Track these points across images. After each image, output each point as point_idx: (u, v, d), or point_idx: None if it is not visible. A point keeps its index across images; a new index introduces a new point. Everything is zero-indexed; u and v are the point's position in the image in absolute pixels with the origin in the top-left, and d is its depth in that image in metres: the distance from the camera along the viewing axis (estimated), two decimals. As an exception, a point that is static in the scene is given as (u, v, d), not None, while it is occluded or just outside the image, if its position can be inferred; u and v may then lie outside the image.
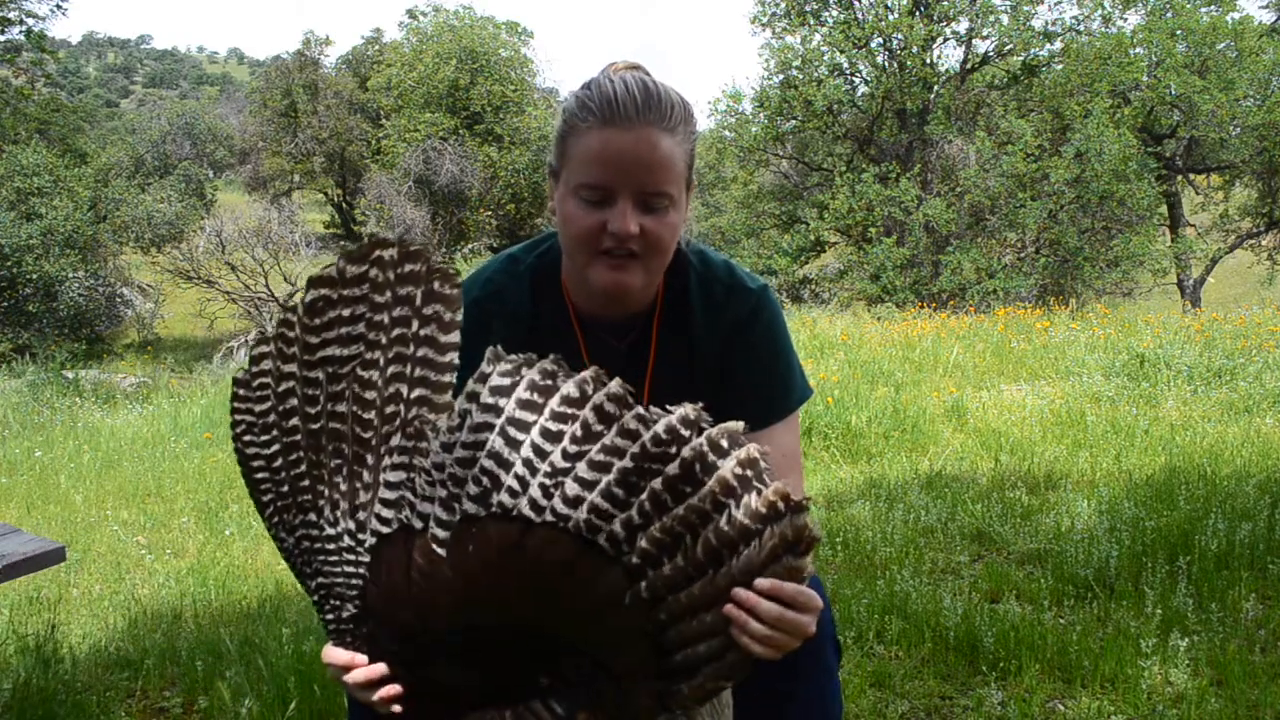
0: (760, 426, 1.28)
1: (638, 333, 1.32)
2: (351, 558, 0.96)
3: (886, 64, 16.80)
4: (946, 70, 16.96)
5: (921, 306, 12.24)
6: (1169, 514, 3.15)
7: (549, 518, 0.85)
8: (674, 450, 0.85)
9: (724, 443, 0.85)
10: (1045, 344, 7.42)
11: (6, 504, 4.76)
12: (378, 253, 0.99)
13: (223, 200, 27.53)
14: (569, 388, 0.88)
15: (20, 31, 20.55)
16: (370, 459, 0.96)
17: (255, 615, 3.00)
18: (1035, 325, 8.34)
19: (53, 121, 23.94)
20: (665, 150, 1.16)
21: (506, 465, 0.87)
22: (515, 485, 0.86)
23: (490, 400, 0.89)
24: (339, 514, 0.97)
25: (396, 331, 0.97)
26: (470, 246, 22.27)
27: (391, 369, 0.97)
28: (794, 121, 17.53)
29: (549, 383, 0.89)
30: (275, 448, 1.01)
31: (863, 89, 17.28)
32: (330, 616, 1.00)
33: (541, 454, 0.86)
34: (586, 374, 0.88)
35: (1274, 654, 2.29)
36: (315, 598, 1.00)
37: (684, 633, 0.86)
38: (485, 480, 0.87)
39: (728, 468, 0.84)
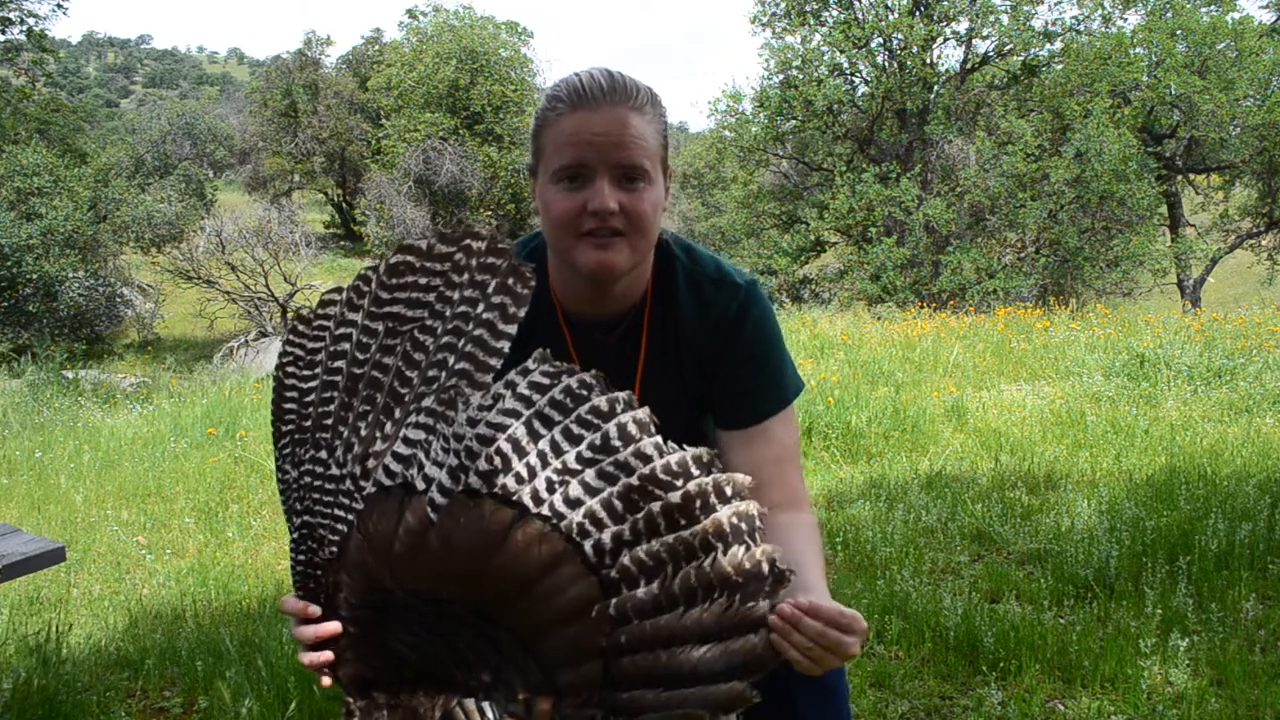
0: (755, 422, 1.28)
1: (626, 328, 1.32)
2: (346, 501, 0.99)
3: (886, 64, 16.79)
4: (946, 70, 16.95)
5: (921, 306, 12.24)
6: (1169, 514, 3.15)
7: (545, 511, 0.87)
8: (680, 483, 0.86)
9: (728, 489, 0.87)
10: (1045, 344, 7.42)
11: (6, 504, 4.75)
12: (469, 241, 1.05)
13: (223, 200, 27.53)
14: (600, 400, 0.90)
15: (21, 31, 20.57)
16: (399, 413, 1.00)
17: (255, 615, 3.00)
18: (1035, 325, 8.34)
19: (53, 121, 23.96)
20: (636, 126, 1.18)
21: (521, 453, 0.89)
22: (523, 472, 0.89)
23: (525, 392, 0.92)
24: (350, 456, 1.00)
25: (462, 309, 1.02)
26: (470, 246, 22.21)
27: (446, 339, 1.01)
28: (794, 121, 17.51)
29: (584, 392, 0.91)
30: (313, 383, 1.06)
31: (863, 89, 17.27)
32: (302, 558, 1.02)
33: (558, 451, 0.89)
34: (622, 394, 0.91)
35: (1274, 654, 2.29)
36: (295, 535, 1.03)
37: (639, 665, 0.85)
38: (497, 460, 0.90)
39: (725, 513, 0.86)
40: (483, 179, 23.40)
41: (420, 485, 0.93)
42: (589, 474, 0.88)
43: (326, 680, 1.00)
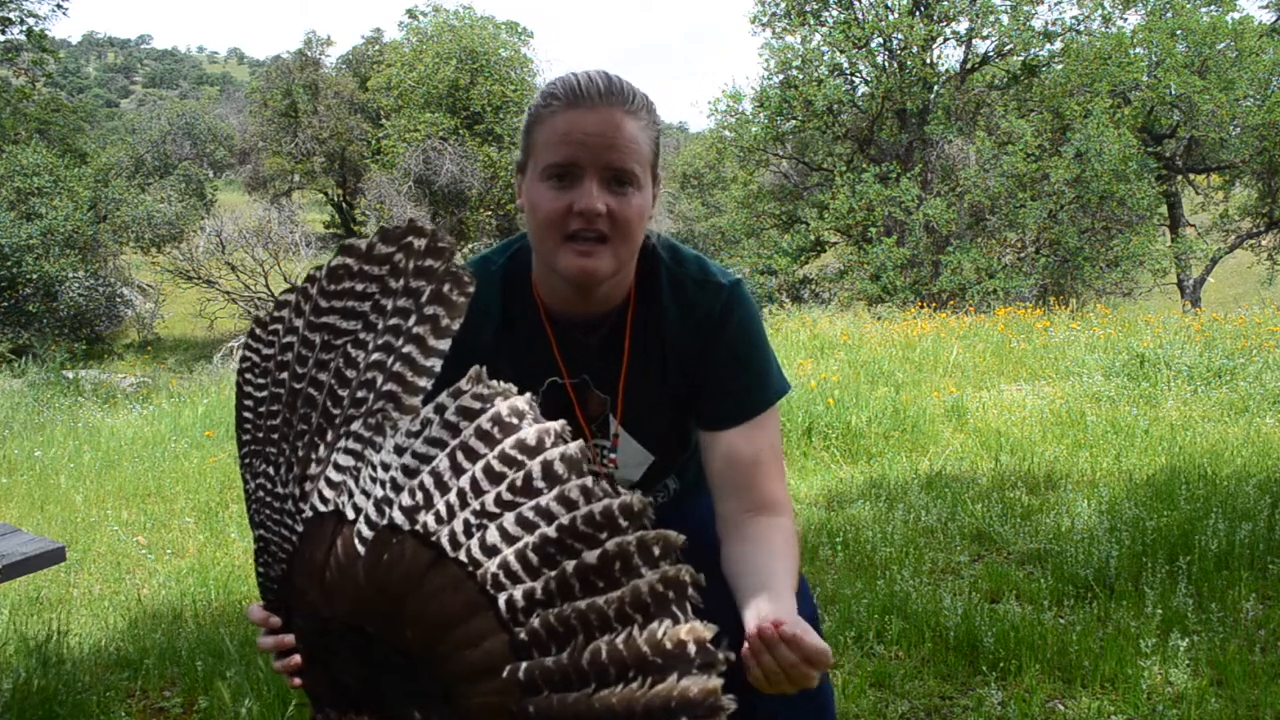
0: (735, 423, 1.28)
1: (609, 329, 1.32)
2: (290, 522, 0.97)
3: (886, 64, 16.79)
4: (946, 70, 16.96)
5: (921, 306, 12.24)
6: (1169, 514, 3.15)
7: (462, 557, 0.81)
8: (603, 536, 0.77)
9: (655, 549, 0.76)
10: (1045, 344, 7.42)
11: (6, 504, 4.75)
12: (410, 238, 0.97)
13: (223, 200, 27.56)
14: (528, 433, 0.82)
15: (21, 31, 20.58)
16: (330, 435, 0.96)
17: (255, 615, 3.00)
18: (1035, 325, 8.35)
19: (53, 121, 23.98)
20: (630, 130, 1.18)
21: (444, 488, 0.84)
22: (444, 511, 0.83)
23: (454, 419, 0.85)
24: (291, 477, 0.97)
25: (393, 321, 0.96)
26: (470, 246, 22.30)
27: (375, 355, 0.95)
28: (794, 121, 17.52)
29: (514, 420, 0.83)
30: (264, 393, 1.02)
31: (863, 89, 17.28)
32: (262, 570, 1.01)
33: (478, 491, 0.82)
34: (554, 425, 0.82)
35: (1274, 654, 2.29)
36: (256, 545, 1.01)
37: None
38: (420, 496, 0.85)
39: (648, 579, 0.75)
40: (483, 179, 23.40)
41: (350, 515, 0.90)
42: (508, 518, 0.80)
43: (297, 681, 1.01)
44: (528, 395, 0.85)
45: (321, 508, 0.93)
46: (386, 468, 0.89)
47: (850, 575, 2.94)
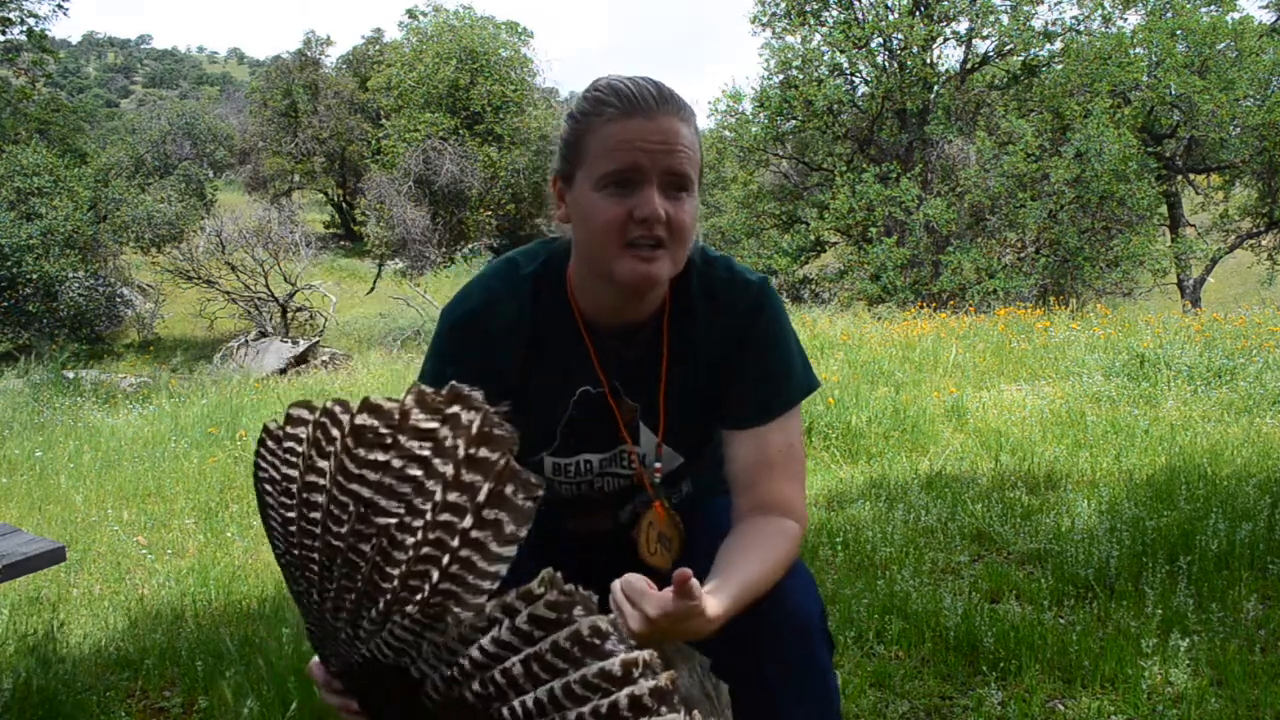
0: (756, 423, 1.28)
1: (647, 336, 1.32)
2: (344, 647, 0.95)
3: (886, 64, 16.80)
4: (946, 70, 16.96)
5: (921, 306, 12.23)
6: (1169, 514, 3.15)
7: None
8: None
9: None
10: (1045, 344, 7.42)
11: (6, 504, 4.76)
12: (457, 410, 0.86)
13: (223, 200, 27.54)
14: (614, 664, 0.80)
15: (21, 31, 20.59)
16: (382, 605, 0.90)
17: (256, 615, 3.00)
18: (1035, 325, 8.34)
19: (53, 121, 23.96)
20: (686, 136, 1.20)
21: (519, 690, 0.83)
22: (520, 711, 0.83)
23: (526, 627, 0.83)
24: (341, 617, 0.93)
25: (445, 517, 0.86)
26: (470, 246, 22.33)
27: (426, 550, 0.86)
28: (794, 121, 17.53)
29: (595, 641, 0.80)
30: (292, 514, 0.94)
31: (863, 89, 17.28)
32: (315, 647, 1.02)
33: (558, 705, 0.81)
34: (641, 655, 0.80)
35: (1274, 654, 2.29)
36: (306, 623, 1.01)
37: None
38: (492, 689, 0.84)
39: None
40: (483, 179, 23.42)
41: (415, 675, 0.89)
42: None
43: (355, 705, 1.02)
44: (611, 618, 0.82)
45: (381, 659, 0.91)
46: (453, 653, 0.86)
47: (850, 575, 2.94)
